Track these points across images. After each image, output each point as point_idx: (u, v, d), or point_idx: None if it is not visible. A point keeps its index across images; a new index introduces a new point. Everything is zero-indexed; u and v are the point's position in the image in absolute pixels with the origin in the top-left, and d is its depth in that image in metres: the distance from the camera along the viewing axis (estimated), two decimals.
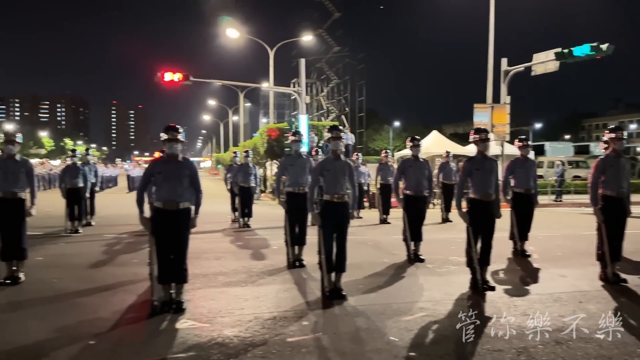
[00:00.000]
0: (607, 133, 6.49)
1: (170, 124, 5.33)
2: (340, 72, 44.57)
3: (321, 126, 22.86)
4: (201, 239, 9.25)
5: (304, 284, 6.38)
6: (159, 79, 19.42)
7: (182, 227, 5.24)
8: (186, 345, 4.21)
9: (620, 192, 6.30)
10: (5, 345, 4.17)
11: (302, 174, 7.40)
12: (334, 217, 5.69)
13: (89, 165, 12.04)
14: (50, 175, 28.76)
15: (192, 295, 5.64)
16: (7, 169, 6.30)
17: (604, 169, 6.33)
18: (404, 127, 63.71)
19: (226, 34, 25.59)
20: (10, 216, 6.20)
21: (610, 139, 6.39)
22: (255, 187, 12.37)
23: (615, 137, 6.34)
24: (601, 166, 6.35)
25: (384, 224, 12.61)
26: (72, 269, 7.20)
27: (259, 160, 23.89)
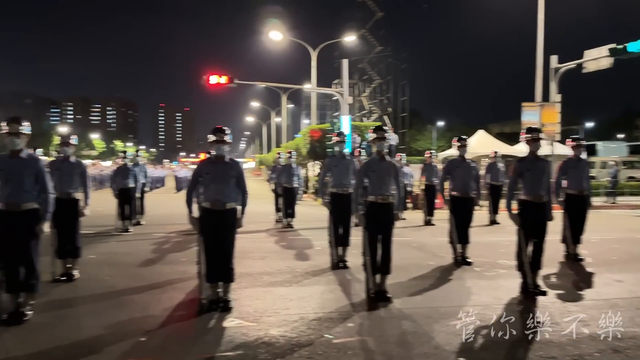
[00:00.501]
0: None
1: (217, 126, 5.42)
2: (383, 72, 44.22)
3: (363, 127, 22.74)
4: (246, 238, 9.37)
5: (349, 286, 6.35)
6: (205, 82, 19.84)
7: (229, 227, 5.31)
8: (234, 344, 4.27)
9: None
10: (62, 340, 4.33)
11: (346, 175, 7.38)
12: (378, 218, 5.63)
13: (138, 166, 12.39)
14: (102, 176, 29.81)
15: (238, 294, 5.71)
16: (63, 170, 6.57)
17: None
18: (448, 127, 62.65)
19: (270, 36, 25.87)
20: (65, 216, 6.42)
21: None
22: (298, 187, 12.43)
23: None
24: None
25: (428, 225, 12.43)
26: (123, 267, 7.44)
27: (301, 161, 24.00)
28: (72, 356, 3.98)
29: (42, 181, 4.89)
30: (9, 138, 4.77)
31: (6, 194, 4.77)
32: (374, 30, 42.60)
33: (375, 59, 44.08)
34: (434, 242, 9.63)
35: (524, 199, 5.95)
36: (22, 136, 4.83)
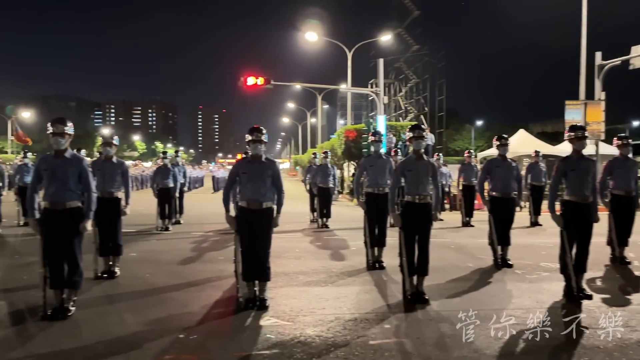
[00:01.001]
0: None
1: (254, 126, 5.45)
2: (419, 71, 43.71)
3: (399, 126, 22.56)
4: (281, 238, 9.42)
5: (385, 286, 6.29)
6: (242, 84, 20.08)
7: (265, 226, 5.34)
8: (270, 343, 4.28)
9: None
10: (104, 336, 4.44)
11: (382, 175, 7.32)
12: (415, 218, 5.55)
13: (178, 167, 12.64)
14: (143, 176, 30.59)
15: (274, 293, 5.73)
16: (105, 170, 6.75)
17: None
18: (486, 126, 61.37)
19: (305, 37, 25.97)
20: (107, 214, 6.59)
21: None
22: (333, 187, 12.42)
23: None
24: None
25: (466, 226, 12.20)
26: (163, 265, 7.59)
27: (336, 161, 23.98)
28: (113, 351, 4.07)
29: (85, 180, 5.03)
30: (54, 138, 4.93)
31: (51, 193, 4.93)
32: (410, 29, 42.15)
33: (411, 58, 43.62)
34: (473, 244, 9.43)
35: (567, 200, 5.76)
36: (66, 136, 4.98)
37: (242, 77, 20.25)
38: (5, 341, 4.32)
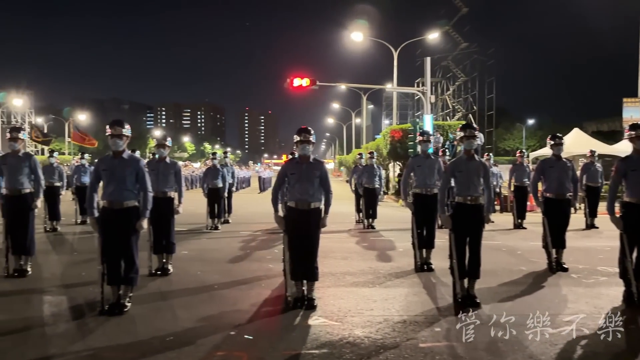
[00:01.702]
0: None
1: (302, 126, 5.49)
2: (468, 69, 42.89)
3: (447, 126, 22.18)
4: (328, 238, 9.43)
5: (434, 289, 6.19)
6: (288, 85, 20.25)
7: (313, 226, 5.37)
8: (319, 342, 4.30)
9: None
10: (158, 331, 4.57)
11: (430, 175, 7.21)
12: (467, 220, 5.44)
13: (227, 167, 12.90)
14: (192, 177, 31.38)
15: (322, 293, 5.75)
16: (159, 170, 6.96)
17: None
18: (538, 125, 59.46)
19: (351, 37, 25.94)
20: (161, 213, 6.78)
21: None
22: (379, 188, 12.34)
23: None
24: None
25: (518, 228, 11.85)
26: (213, 263, 7.75)
27: (382, 162, 23.83)
28: (168, 347, 4.19)
29: (142, 180, 5.21)
30: (112, 139, 5.13)
31: (109, 192, 5.14)
32: (458, 27, 41.43)
33: (459, 55, 42.84)
34: (526, 247, 9.16)
35: (628, 201, 5.49)
36: (124, 138, 5.18)
37: (288, 79, 20.42)
38: (66, 335, 4.52)
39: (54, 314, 5.12)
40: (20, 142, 6.75)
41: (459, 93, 44.80)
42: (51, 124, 59.71)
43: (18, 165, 6.64)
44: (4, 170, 6.68)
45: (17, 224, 6.60)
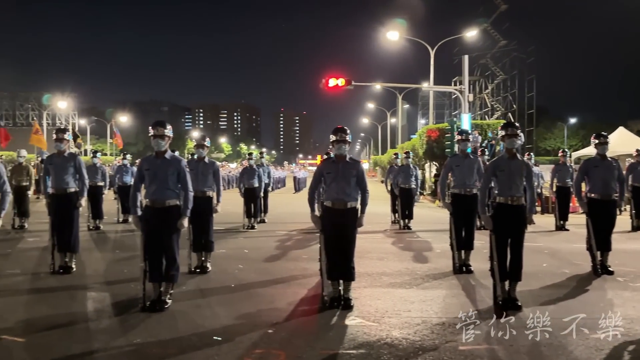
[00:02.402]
0: None
1: (338, 126, 5.48)
2: (507, 67, 41.93)
3: (485, 125, 21.76)
4: (363, 238, 9.38)
5: (473, 291, 6.08)
6: (324, 85, 20.29)
7: (350, 226, 5.35)
8: (356, 342, 4.28)
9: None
10: (198, 328, 4.65)
11: (469, 175, 7.08)
12: (508, 221, 5.31)
13: (263, 167, 13.03)
14: (229, 177, 31.83)
15: (358, 294, 5.72)
16: (198, 170, 7.08)
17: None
18: (580, 124, 57.63)
19: (387, 36, 25.76)
20: (200, 212, 6.88)
21: None
22: (416, 188, 12.21)
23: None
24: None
25: (561, 230, 11.51)
26: (250, 262, 7.84)
27: (417, 162, 23.58)
28: (207, 343, 4.25)
29: (183, 180, 5.31)
30: (155, 140, 5.25)
31: (152, 192, 5.25)
32: (497, 24, 40.59)
33: (498, 53, 41.96)
34: (569, 249, 8.89)
35: None
36: (166, 138, 5.29)
37: (324, 79, 20.46)
38: (109, 330, 4.65)
39: (97, 310, 5.27)
40: (66, 143, 6.98)
41: (498, 91, 43.87)
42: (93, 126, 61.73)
43: (63, 165, 6.87)
44: (50, 170, 6.93)
45: (63, 222, 6.83)
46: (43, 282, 6.41)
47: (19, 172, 11.65)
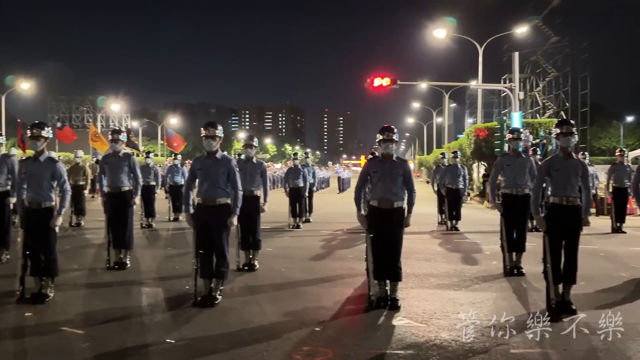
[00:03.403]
0: None
1: (385, 125, 5.45)
2: (559, 64, 40.48)
3: (537, 123, 21.10)
4: (410, 239, 9.26)
5: (525, 294, 5.91)
6: (369, 85, 20.20)
7: (397, 226, 5.31)
8: (404, 343, 4.25)
9: None
10: (247, 324, 4.74)
11: (521, 175, 6.88)
12: (563, 222, 5.13)
13: (308, 167, 13.12)
14: (274, 177, 32.19)
15: (405, 294, 5.68)
16: (246, 169, 7.20)
17: None
18: (638, 123, 54.94)
19: (433, 34, 25.40)
20: (248, 211, 6.99)
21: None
22: (464, 189, 11.98)
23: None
24: None
25: (617, 233, 11.01)
26: (296, 260, 7.91)
27: (465, 161, 23.12)
28: (256, 339, 4.32)
29: (233, 179, 5.43)
30: (207, 140, 5.39)
31: (203, 190, 5.40)
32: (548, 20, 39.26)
33: (550, 50, 40.57)
34: (626, 252, 8.52)
35: None
36: (217, 139, 5.43)
37: (369, 79, 20.37)
38: (162, 324, 4.80)
39: (151, 305, 5.46)
40: (121, 144, 7.27)
41: (550, 89, 42.43)
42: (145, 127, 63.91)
43: (118, 165, 7.15)
44: (105, 170, 7.23)
45: (118, 219, 7.10)
46: (99, 278, 6.69)
47: (76, 171, 12.19)
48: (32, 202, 5.42)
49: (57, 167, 5.48)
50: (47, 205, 5.44)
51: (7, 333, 4.49)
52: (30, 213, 5.43)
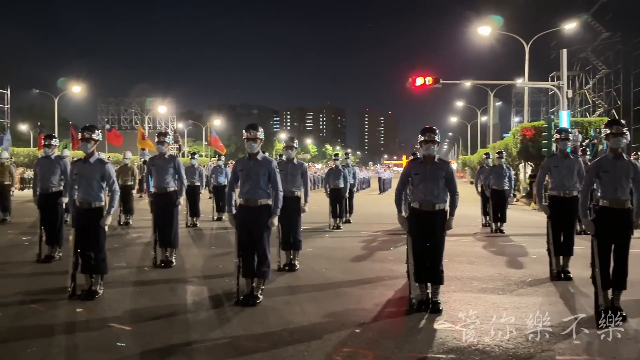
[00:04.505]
0: None
1: (427, 126, 5.40)
2: (610, 60, 38.73)
3: (586, 123, 20.34)
4: (452, 241, 9.12)
5: (572, 299, 5.72)
6: (410, 84, 19.98)
7: (438, 228, 5.25)
8: (446, 347, 4.19)
9: None
10: (288, 324, 4.79)
11: (569, 176, 6.66)
12: (612, 226, 4.94)
13: (348, 168, 13.11)
14: (315, 177, 32.33)
15: (447, 298, 5.60)
16: (287, 170, 7.28)
17: None
18: None
19: (477, 32, 24.90)
20: (289, 212, 7.05)
21: None
22: (509, 190, 11.68)
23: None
24: None
25: None
26: (336, 261, 7.93)
27: (510, 162, 22.54)
28: (296, 339, 4.36)
29: (274, 180, 5.50)
30: (248, 143, 5.48)
31: (245, 191, 5.50)
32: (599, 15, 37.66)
33: (600, 46, 38.94)
34: None
35: None
36: (258, 140, 5.51)
37: (410, 78, 20.15)
38: (206, 322, 4.92)
39: (195, 302, 5.61)
40: (167, 146, 7.49)
41: (600, 87, 40.72)
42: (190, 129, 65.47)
43: (164, 166, 7.37)
44: (152, 171, 7.46)
45: (164, 219, 7.32)
46: (146, 275, 6.90)
47: (124, 172, 12.63)
48: (83, 202, 5.66)
49: (106, 168, 5.70)
50: (97, 205, 5.67)
51: (60, 328, 4.70)
52: (81, 213, 5.67)
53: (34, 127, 46.60)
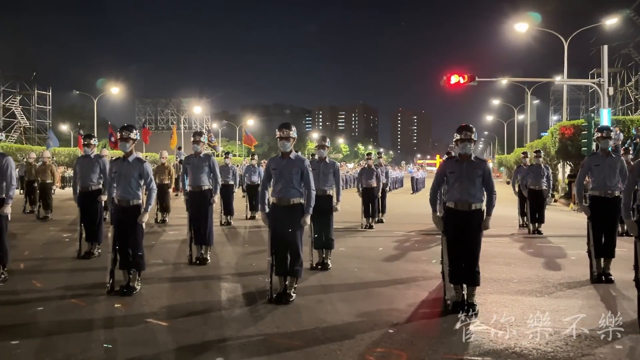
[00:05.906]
0: None
1: (463, 124, 5.30)
2: None
3: (628, 121, 19.65)
4: (488, 242, 8.96)
5: (614, 302, 5.53)
6: (445, 83, 19.72)
7: (474, 228, 5.15)
8: (482, 349, 4.10)
9: None
10: (320, 322, 4.78)
11: (611, 176, 6.43)
12: None
13: (380, 167, 13.04)
14: (347, 177, 32.30)
15: (483, 299, 5.49)
16: (319, 169, 7.29)
17: None
18: None
19: (514, 28, 24.36)
20: (321, 211, 7.06)
21: None
22: (547, 190, 11.39)
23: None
24: None
25: None
26: (369, 261, 7.89)
27: (549, 161, 21.97)
28: (329, 338, 4.35)
29: (307, 179, 5.51)
30: (281, 142, 5.51)
31: (278, 190, 5.52)
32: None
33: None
34: None
35: None
36: (291, 140, 5.53)
37: (445, 76, 19.89)
38: (240, 319, 4.96)
39: (229, 299, 5.66)
40: (202, 145, 7.61)
41: None
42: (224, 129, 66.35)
43: (199, 165, 7.48)
44: (188, 170, 7.59)
45: (199, 217, 7.43)
46: (181, 272, 7.02)
47: (161, 171, 12.90)
48: (121, 199, 5.80)
49: (144, 167, 5.83)
50: (135, 203, 5.80)
51: (99, 323, 4.82)
52: (120, 210, 5.81)
53: (74, 128, 48.10)
